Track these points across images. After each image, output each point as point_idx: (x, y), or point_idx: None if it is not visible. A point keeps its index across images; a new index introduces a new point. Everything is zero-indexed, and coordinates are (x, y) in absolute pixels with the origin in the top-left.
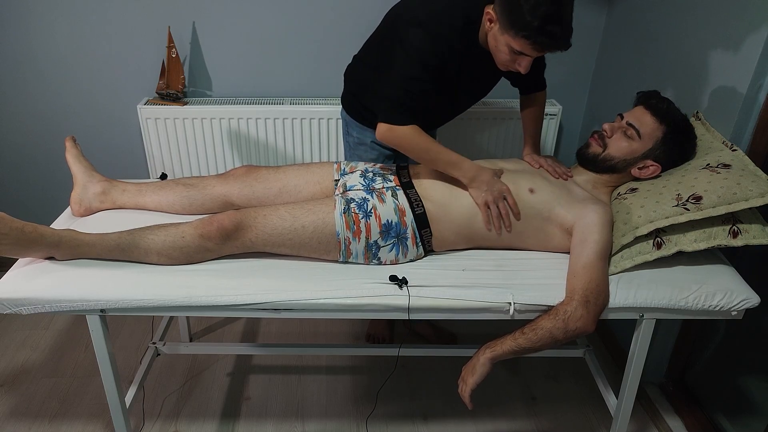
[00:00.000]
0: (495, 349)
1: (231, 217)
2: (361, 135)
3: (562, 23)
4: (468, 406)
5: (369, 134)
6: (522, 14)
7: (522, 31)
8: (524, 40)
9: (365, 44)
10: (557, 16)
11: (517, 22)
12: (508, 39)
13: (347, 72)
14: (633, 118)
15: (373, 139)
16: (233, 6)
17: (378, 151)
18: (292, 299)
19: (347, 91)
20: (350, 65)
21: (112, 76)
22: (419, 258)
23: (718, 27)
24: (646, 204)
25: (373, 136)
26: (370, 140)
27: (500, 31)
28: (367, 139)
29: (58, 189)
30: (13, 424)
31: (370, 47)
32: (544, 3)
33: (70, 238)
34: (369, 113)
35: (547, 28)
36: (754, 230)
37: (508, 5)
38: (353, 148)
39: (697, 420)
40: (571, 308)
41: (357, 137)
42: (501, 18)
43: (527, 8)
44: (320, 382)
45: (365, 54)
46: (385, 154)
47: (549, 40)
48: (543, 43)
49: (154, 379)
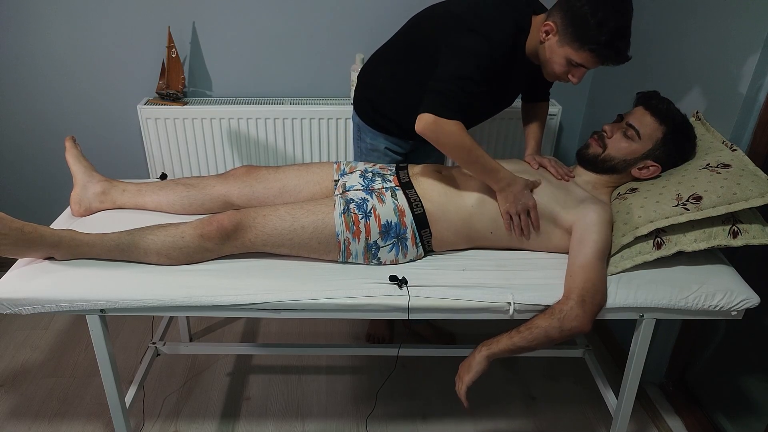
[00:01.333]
0: (491, 346)
1: (231, 218)
2: (374, 141)
3: (627, 38)
4: (464, 403)
5: (382, 140)
6: (589, 28)
7: (589, 44)
8: (590, 53)
9: (384, 49)
10: (625, 31)
11: (584, 36)
12: (569, 52)
13: (362, 76)
14: (633, 118)
15: (387, 146)
16: (233, 6)
17: (391, 158)
18: (292, 299)
19: (362, 96)
20: (366, 69)
21: (112, 76)
22: (419, 258)
23: (718, 27)
24: (646, 204)
25: (387, 142)
26: (384, 146)
27: (559, 44)
28: (381, 145)
29: (58, 189)
30: (13, 424)
31: (390, 52)
32: (612, 18)
33: (70, 238)
34: (384, 119)
35: (615, 43)
36: (754, 230)
37: (574, 18)
38: (365, 154)
39: (697, 420)
40: (567, 308)
41: (371, 143)
42: (564, 31)
43: (594, 23)
44: (320, 382)
45: (384, 59)
46: (397, 161)
47: (615, 55)
48: (609, 57)
49: (154, 379)
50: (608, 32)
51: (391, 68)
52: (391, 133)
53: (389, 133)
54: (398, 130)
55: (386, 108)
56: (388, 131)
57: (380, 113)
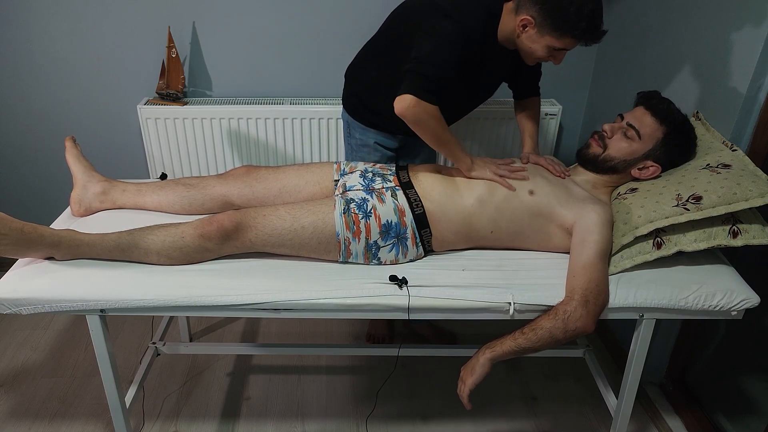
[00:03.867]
0: (495, 349)
1: (231, 218)
2: (363, 136)
3: (602, 15)
4: (466, 406)
5: (372, 135)
6: (568, 17)
7: (570, 32)
8: (571, 38)
9: (369, 44)
10: (600, 11)
11: (564, 24)
12: (551, 40)
13: (349, 72)
14: (633, 118)
15: (377, 140)
16: (233, 6)
17: (381, 153)
18: (292, 299)
19: (350, 92)
20: (352, 65)
21: (112, 76)
22: (419, 258)
23: (718, 27)
24: (646, 204)
25: (377, 137)
26: (374, 141)
27: (539, 34)
28: (370, 140)
29: (58, 189)
30: (13, 424)
31: (375, 46)
32: (588, 2)
33: (70, 238)
34: (372, 114)
35: (593, 25)
36: (754, 230)
37: (552, 10)
38: (355, 150)
39: (697, 420)
40: (570, 308)
41: (359, 138)
42: (542, 22)
43: (573, 10)
44: (320, 382)
45: (369, 53)
46: (387, 156)
47: (594, 35)
48: (589, 38)
49: (154, 379)
50: (586, 17)
51: (377, 62)
52: (380, 128)
53: (378, 127)
54: (387, 123)
55: (374, 102)
56: (377, 126)
57: (368, 107)
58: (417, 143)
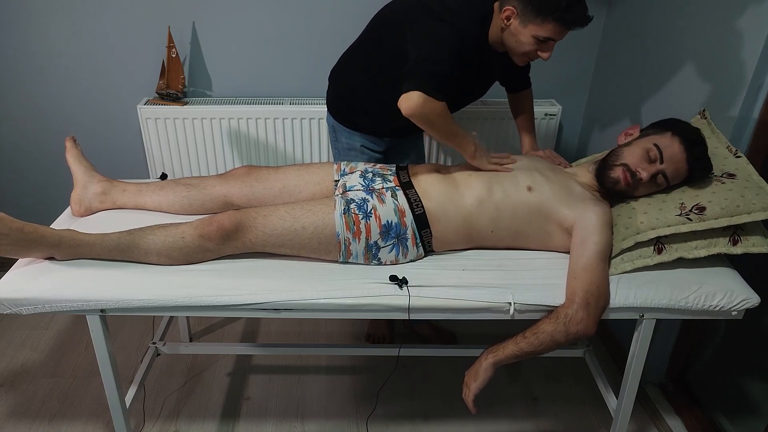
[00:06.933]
0: (497, 353)
1: (231, 218)
2: (350, 140)
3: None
4: (471, 410)
5: (358, 138)
6: (549, 0)
7: (552, 14)
8: (554, 23)
9: (353, 47)
10: None
11: (544, 8)
12: (534, 29)
13: (333, 76)
14: (670, 165)
15: (363, 143)
16: (233, 6)
17: (368, 155)
18: (292, 299)
19: (335, 95)
20: (336, 69)
21: (112, 76)
22: (419, 258)
23: (718, 27)
24: (649, 210)
25: (363, 140)
26: (360, 144)
27: (522, 24)
28: (357, 143)
29: (58, 189)
30: (13, 424)
31: (360, 49)
32: None
33: (70, 238)
34: (358, 116)
35: (573, 7)
36: (754, 239)
37: None
38: (342, 154)
39: (697, 420)
40: (572, 311)
41: (346, 143)
42: (524, 10)
43: None
44: (320, 382)
45: (354, 56)
46: (375, 158)
47: (577, 17)
48: (573, 22)
49: (154, 379)
50: None
51: (362, 64)
52: (366, 131)
53: (364, 131)
54: (373, 126)
55: (360, 104)
56: (363, 129)
57: (354, 110)
58: (405, 145)
